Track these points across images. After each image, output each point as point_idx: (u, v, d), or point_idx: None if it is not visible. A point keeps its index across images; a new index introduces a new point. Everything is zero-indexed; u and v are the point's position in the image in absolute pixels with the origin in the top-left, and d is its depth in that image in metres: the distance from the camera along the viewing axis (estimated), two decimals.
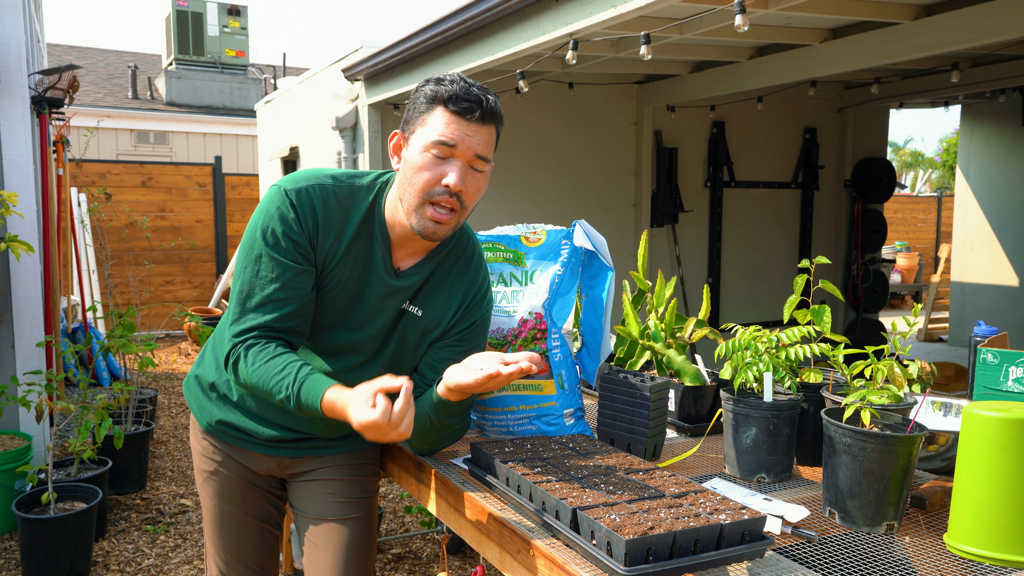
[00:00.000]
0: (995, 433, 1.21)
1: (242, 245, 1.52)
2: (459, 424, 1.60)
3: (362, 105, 5.01)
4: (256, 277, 1.48)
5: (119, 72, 13.32)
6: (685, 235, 6.01)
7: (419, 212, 1.47)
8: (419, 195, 1.46)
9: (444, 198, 1.46)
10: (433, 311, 1.61)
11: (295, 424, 1.64)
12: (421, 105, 1.48)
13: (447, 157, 1.45)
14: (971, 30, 3.55)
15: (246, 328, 1.48)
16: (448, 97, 1.44)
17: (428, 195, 1.46)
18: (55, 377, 3.63)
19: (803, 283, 1.59)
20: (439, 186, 1.45)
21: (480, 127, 1.46)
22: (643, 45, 3.16)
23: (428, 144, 1.45)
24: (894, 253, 11.57)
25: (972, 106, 7.71)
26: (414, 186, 1.46)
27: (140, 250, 8.13)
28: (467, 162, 1.46)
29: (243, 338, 1.48)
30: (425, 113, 1.47)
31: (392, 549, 3.47)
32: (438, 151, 1.44)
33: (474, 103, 1.44)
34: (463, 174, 1.45)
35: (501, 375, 1.36)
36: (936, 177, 22.02)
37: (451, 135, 1.44)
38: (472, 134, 1.45)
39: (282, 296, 1.48)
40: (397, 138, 1.54)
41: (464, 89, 1.45)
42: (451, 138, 1.44)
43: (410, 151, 1.49)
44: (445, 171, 1.45)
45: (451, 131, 1.44)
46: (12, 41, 3.77)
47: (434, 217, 1.47)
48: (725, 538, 1.15)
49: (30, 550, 3.02)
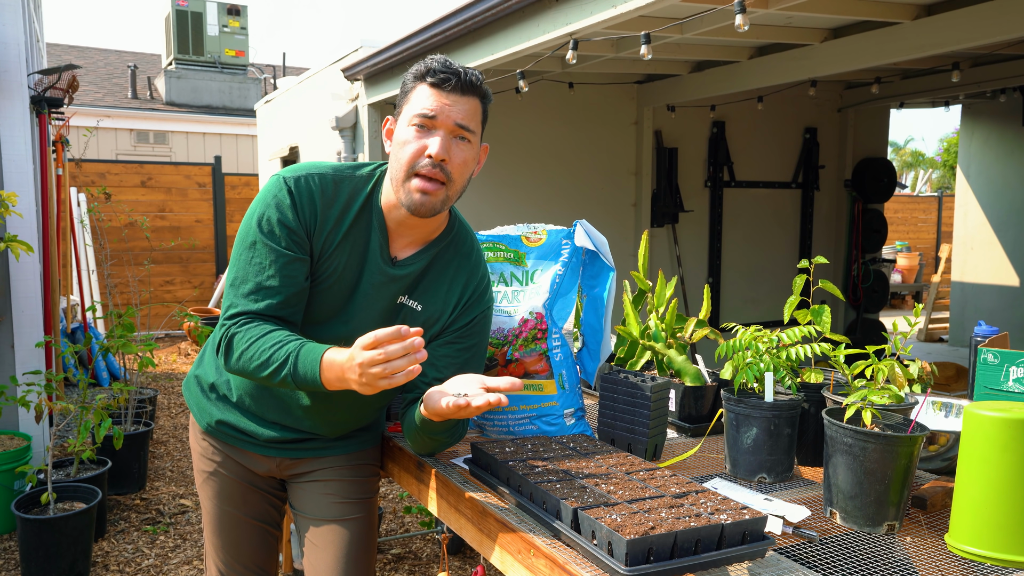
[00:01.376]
0: (996, 433, 1.20)
1: (239, 234, 1.53)
2: (448, 437, 1.59)
3: (362, 105, 5.00)
4: (250, 264, 1.49)
5: (119, 72, 13.32)
6: (685, 235, 6.01)
7: (406, 186, 1.49)
8: (405, 168, 1.49)
9: (428, 169, 1.48)
10: (432, 306, 1.60)
11: (295, 423, 1.64)
12: (407, 86, 1.53)
13: (430, 128, 1.48)
14: (971, 30, 3.55)
15: (237, 312, 1.48)
16: (426, 71, 1.49)
17: (413, 167, 1.48)
18: (54, 377, 3.63)
19: (803, 283, 1.59)
20: (423, 157, 1.48)
21: (460, 97, 1.49)
22: (643, 45, 3.16)
23: (410, 117, 1.49)
24: (894, 253, 11.57)
25: (973, 106, 7.70)
26: (400, 160, 1.50)
27: (140, 250, 8.12)
28: (449, 131, 1.49)
29: (235, 320, 1.48)
30: (409, 92, 1.52)
31: (392, 549, 3.47)
32: (420, 122, 1.48)
33: (451, 74, 1.48)
34: (445, 143, 1.48)
35: (470, 407, 1.36)
36: (936, 177, 22.03)
37: (431, 106, 1.48)
38: (451, 103, 1.48)
39: (275, 284, 1.48)
40: (389, 123, 1.58)
41: (442, 63, 1.49)
42: (431, 109, 1.47)
43: (397, 129, 1.53)
44: (427, 143, 1.48)
45: (431, 102, 1.48)
46: (11, 41, 3.76)
47: (420, 188, 1.48)
48: (726, 538, 1.15)
49: (29, 550, 3.02)
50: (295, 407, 1.61)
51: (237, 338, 1.45)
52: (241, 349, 1.44)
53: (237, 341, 1.45)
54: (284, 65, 14.43)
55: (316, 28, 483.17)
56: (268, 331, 1.44)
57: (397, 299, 1.59)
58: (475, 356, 1.65)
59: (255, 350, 1.42)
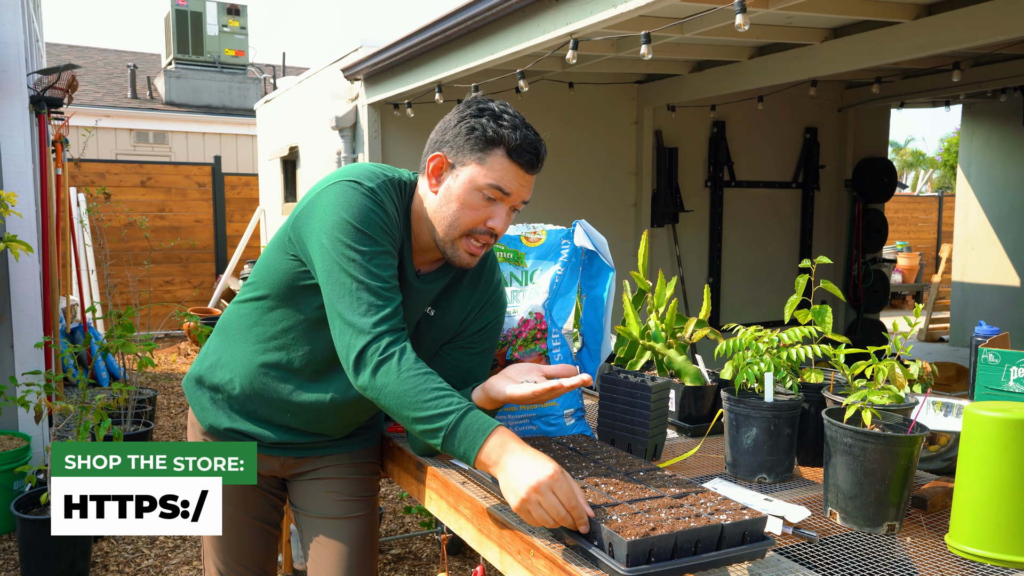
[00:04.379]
0: (996, 433, 1.20)
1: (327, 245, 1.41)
2: None
3: (362, 105, 5.00)
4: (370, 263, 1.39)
5: (118, 71, 13.32)
6: (685, 235, 6.00)
7: (455, 243, 1.48)
8: (461, 230, 1.47)
9: (486, 237, 1.48)
10: (447, 313, 1.61)
11: (304, 425, 1.63)
12: (478, 141, 1.44)
13: (498, 200, 1.46)
14: (972, 30, 3.54)
15: (395, 328, 1.37)
16: (513, 147, 1.43)
17: (470, 231, 1.47)
18: (54, 377, 3.63)
19: (804, 283, 1.59)
20: (483, 226, 1.46)
21: (532, 177, 1.48)
22: (643, 45, 3.16)
23: (483, 186, 1.44)
24: (895, 253, 11.56)
25: (973, 106, 7.70)
26: (458, 220, 1.46)
27: (139, 250, 8.12)
28: (513, 207, 1.48)
29: (391, 336, 1.35)
30: (483, 152, 1.44)
31: (392, 549, 3.47)
32: (491, 194, 1.44)
33: (534, 156, 1.45)
34: (508, 218, 1.48)
35: (562, 387, 1.36)
36: (937, 177, 22.02)
37: (509, 185, 1.45)
38: (526, 184, 1.47)
39: (395, 286, 1.42)
40: (439, 160, 1.49)
41: (526, 138, 1.44)
42: (509, 187, 1.45)
43: (458, 183, 1.46)
44: (492, 213, 1.46)
45: (509, 180, 1.44)
46: (11, 40, 3.76)
47: (469, 250, 1.48)
48: (726, 539, 1.15)
49: (29, 551, 3.02)
50: (304, 411, 1.60)
51: (396, 362, 1.33)
52: (395, 376, 1.33)
53: (391, 367, 1.33)
54: (284, 65, 14.44)
55: (316, 28, 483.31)
56: (427, 371, 1.34)
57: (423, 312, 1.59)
58: (484, 361, 1.65)
59: (411, 385, 1.32)
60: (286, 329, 1.56)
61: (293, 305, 1.54)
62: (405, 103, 4.73)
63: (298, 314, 1.54)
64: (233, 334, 1.63)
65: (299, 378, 1.58)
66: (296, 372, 1.58)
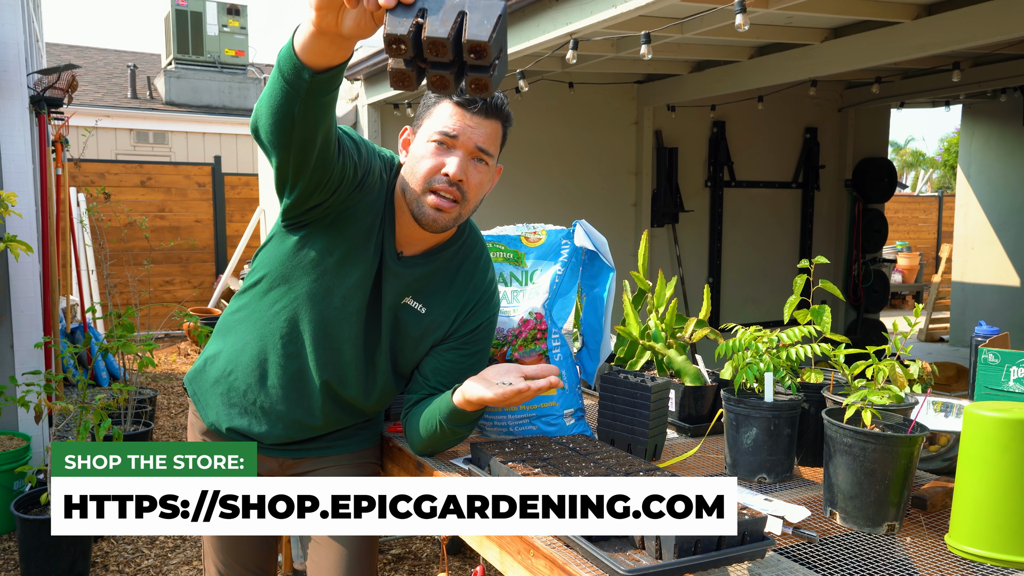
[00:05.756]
0: (996, 433, 1.20)
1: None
2: (468, 431, 1.60)
3: (362, 105, 5.00)
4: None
5: (118, 72, 13.31)
6: (685, 235, 6.01)
7: (420, 200, 1.50)
8: (421, 183, 1.49)
9: (444, 186, 1.48)
10: (437, 310, 1.60)
11: (306, 418, 1.62)
12: (430, 99, 1.53)
13: (450, 147, 1.49)
14: (972, 30, 3.54)
15: None
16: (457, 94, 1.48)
17: (429, 183, 1.49)
18: (54, 377, 3.63)
19: (803, 283, 1.59)
20: (440, 175, 1.48)
21: (483, 120, 1.50)
22: (643, 45, 3.16)
23: (431, 134, 1.49)
24: (895, 253, 11.56)
25: (973, 106, 7.70)
26: (416, 174, 1.50)
27: (139, 250, 8.12)
28: (468, 153, 1.50)
29: None
30: (432, 107, 1.52)
31: (392, 549, 3.47)
32: (441, 140, 1.48)
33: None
34: (464, 164, 1.49)
35: (530, 390, 1.38)
36: (937, 177, 22.02)
37: (453, 125, 1.48)
38: (474, 126, 1.49)
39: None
40: (407, 133, 1.58)
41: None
42: (453, 128, 1.48)
43: (415, 144, 1.53)
44: (444, 161, 1.49)
45: (454, 122, 1.48)
46: (11, 40, 3.76)
47: (435, 204, 1.49)
48: (726, 539, 1.15)
49: (29, 551, 3.02)
50: (306, 396, 1.60)
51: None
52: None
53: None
54: None
55: None
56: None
57: (402, 299, 1.58)
58: (479, 362, 1.65)
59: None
60: (279, 311, 1.57)
61: (286, 283, 1.55)
62: (405, 103, 4.73)
63: (290, 292, 1.55)
64: (231, 326, 1.65)
65: (296, 361, 1.58)
66: (292, 355, 1.57)
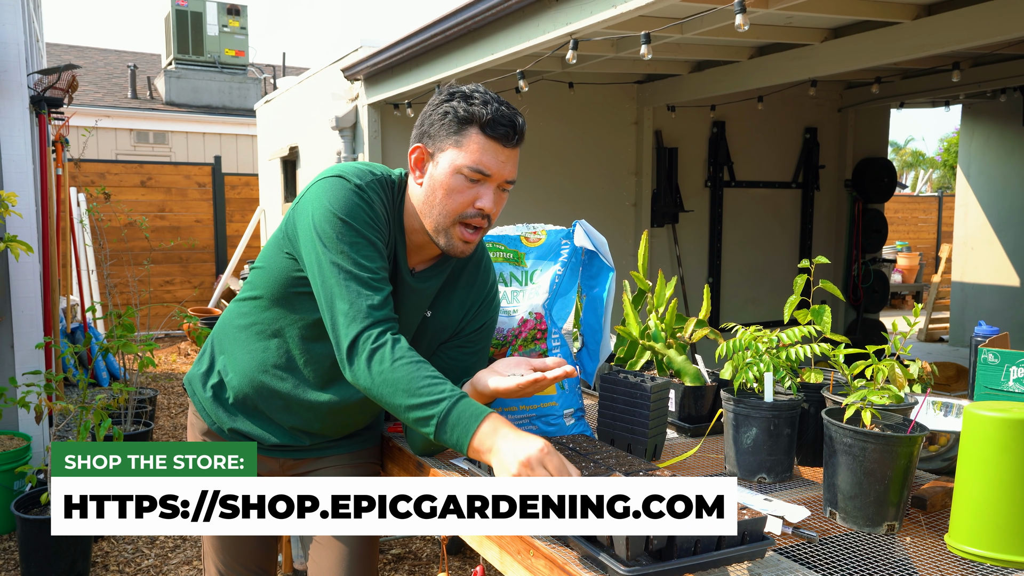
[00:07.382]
0: (996, 433, 1.20)
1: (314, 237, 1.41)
2: None
3: (362, 105, 5.00)
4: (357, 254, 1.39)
5: (118, 72, 13.31)
6: (685, 235, 6.00)
7: (448, 232, 1.47)
8: (451, 217, 1.46)
9: (476, 219, 1.46)
10: (444, 313, 1.61)
11: (304, 425, 1.63)
12: (451, 124, 1.44)
13: (481, 181, 1.45)
14: (971, 30, 3.54)
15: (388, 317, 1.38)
16: (485, 122, 1.42)
17: (460, 217, 1.46)
18: (54, 377, 3.63)
19: (803, 283, 1.59)
20: (472, 208, 1.45)
21: (513, 151, 1.46)
22: (643, 45, 3.16)
23: (462, 167, 1.43)
24: (895, 253, 11.56)
25: (973, 106, 7.70)
26: (446, 208, 1.46)
27: (139, 250, 8.12)
28: (499, 185, 1.47)
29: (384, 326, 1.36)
30: (458, 134, 1.44)
31: (392, 549, 3.47)
32: (473, 176, 1.43)
33: (510, 129, 1.43)
34: (496, 197, 1.46)
35: (545, 379, 1.36)
36: (937, 177, 22.02)
37: (488, 163, 1.43)
38: (506, 160, 1.45)
39: (384, 277, 1.42)
40: (419, 152, 1.50)
41: (498, 112, 1.42)
42: (488, 166, 1.43)
43: (439, 171, 1.46)
44: (478, 194, 1.45)
45: (488, 158, 1.43)
46: (11, 41, 3.76)
47: (463, 237, 1.48)
48: (725, 538, 1.15)
49: (29, 551, 3.02)
50: (302, 410, 1.61)
51: (384, 353, 1.33)
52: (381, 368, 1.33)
53: (384, 355, 1.33)
54: (284, 65, 14.43)
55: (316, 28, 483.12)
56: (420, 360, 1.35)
57: (422, 314, 1.58)
58: (480, 360, 1.66)
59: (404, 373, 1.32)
60: (282, 329, 1.56)
61: (287, 306, 1.55)
62: (405, 103, 4.73)
63: (292, 314, 1.55)
64: (232, 332, 1.64)
65: (296, 377, 1.58)
66: (293, 371, 1.58)
